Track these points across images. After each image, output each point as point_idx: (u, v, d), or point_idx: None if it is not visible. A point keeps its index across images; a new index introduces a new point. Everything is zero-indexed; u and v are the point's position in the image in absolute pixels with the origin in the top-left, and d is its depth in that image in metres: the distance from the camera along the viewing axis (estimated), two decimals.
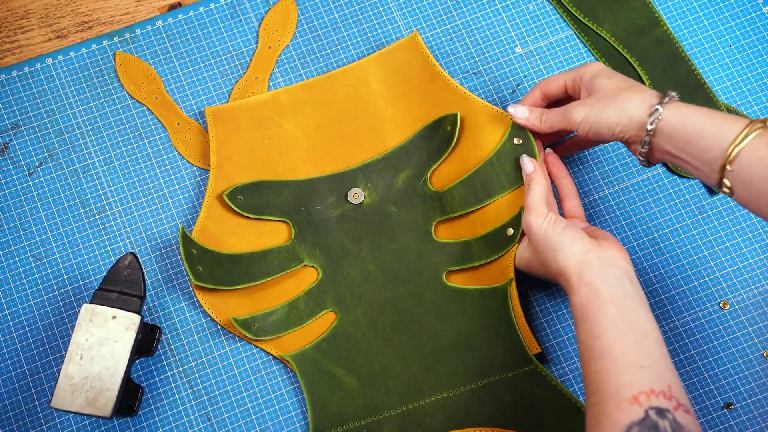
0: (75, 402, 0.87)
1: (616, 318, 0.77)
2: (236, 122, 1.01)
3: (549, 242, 0.85)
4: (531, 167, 0.92)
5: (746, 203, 0.78)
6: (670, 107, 0.81)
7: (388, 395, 0.93)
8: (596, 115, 0.85)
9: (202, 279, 0.94)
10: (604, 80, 0.86)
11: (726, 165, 0.77)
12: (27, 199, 1.00)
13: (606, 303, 0.78)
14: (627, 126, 0.83)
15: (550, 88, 0.92)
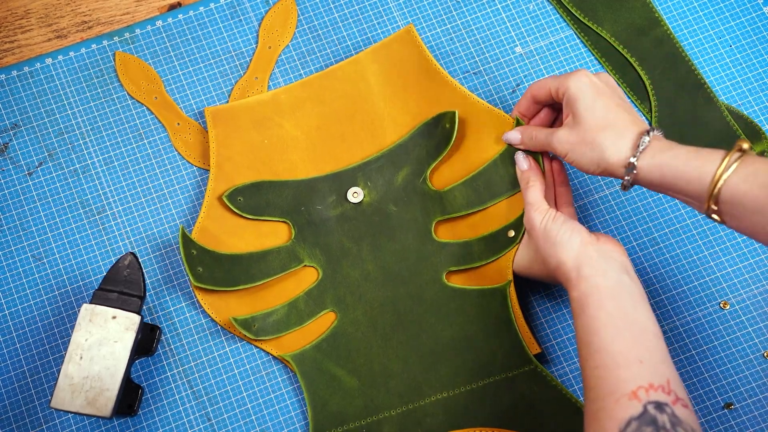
0: (75, 402, 0.87)
1: (614, 313, 0.77)
2: (236, 122, 1.01)
3: (549, 237, 0.85)
4: (526, 165, 0.92)
5: (738, 230, 0.77)
6: (645, 156, 0.80)
7: (388, 395, 0.93)
8: (576, 157, 0.85)
9: (202, 280, 0.94)
10: (585, 111, 0.84)
11: (710, 204, 0.76)
12: (27, 199, 1.00)
13: (604, 298, 0.78)
14: (606, 170, 0.83)
15: (539, 94, 0.92)
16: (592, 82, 0.85)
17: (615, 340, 0.76)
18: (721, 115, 1.01)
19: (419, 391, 0.93)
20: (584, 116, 0.84)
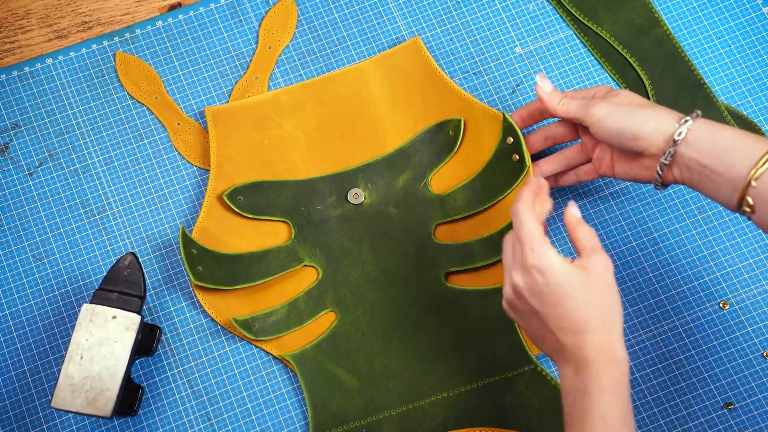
0: (75, 402, 0.87)
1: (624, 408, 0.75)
2: (236, 122, 1.01)
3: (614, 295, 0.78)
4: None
5: (766, 224, 0.76)
6: (698, 121, 0.80)
7: (389, 395, 0.93)
8: (620, 118, 0.82)
9: (202, 279, 0.94)
10: (625, 94, 0.85)
11: (751, 181, 0.75)
12: (27, 199, 1.00)
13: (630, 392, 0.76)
14: (651, 135, 0.80)
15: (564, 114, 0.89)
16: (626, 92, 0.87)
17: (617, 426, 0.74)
18: (721, 115, 1.01)
19: (419, 391, 0.93)
20: (627, 97, 0.84)
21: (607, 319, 0.76)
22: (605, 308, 0.76)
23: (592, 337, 0.75)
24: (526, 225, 0.79)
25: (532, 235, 0.78)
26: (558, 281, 0.76)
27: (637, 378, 0.94)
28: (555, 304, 0.77)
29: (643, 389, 0.93)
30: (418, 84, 1.01)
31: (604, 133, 0.83)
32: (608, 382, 0.74)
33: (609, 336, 0.76)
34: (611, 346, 0.75)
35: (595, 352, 0.75)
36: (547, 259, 0.77)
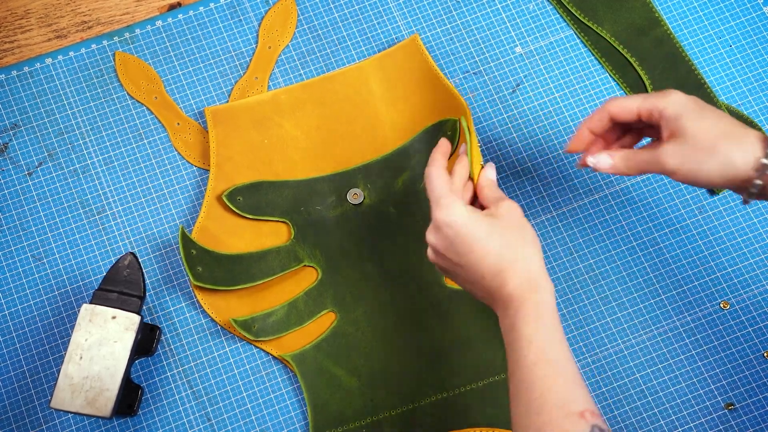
0: (75, 402, 0.87)
1: (564, 335, 0.78)
2: (236, 122, 1.01)
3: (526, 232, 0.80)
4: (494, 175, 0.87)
5: None
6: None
7: (388, 395, 0.93)
8: (694, 167, 0.78)
9: (202, 279, 0.94)
10: (694, 123, 0.79)
11: None
12: (26, 199, 1.00)
13: (558, 317, 0.78)
14: (731, 179, 0.78)
15: (620, 114, 0.83)
16: (691, 98, 0.81)
17: (567, 360, 0.76)
18: None
19: (419, 391, 0.93)
20: (695, 129, 0.79)
21: (521, 254, 0.78)
22: (519, 244, 0.79)
23: (511, 273, 0.78)
24: (432, 183, 0.82)
25: (437, 192, 0.81)
26: (466, 230, 0.79)
27: (638, 378, 0.94)
28: (469, 251, 0.79)
29: (643, 389, 0.93)
30: (417, 83, 1.01)
31: (681, 179, 0.81)
32: (530, 309, 0.77)
33: (526, 267, 0.78)
34: (529, 276, 0.78)
35: (514, 286, 0.78)
36: (453, 211, 0.80)
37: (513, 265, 0.78)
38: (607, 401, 0.93)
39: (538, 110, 1.02)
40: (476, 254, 0.79)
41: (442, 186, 0.82)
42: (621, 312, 0.96)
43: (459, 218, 0.80)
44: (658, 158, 0.80)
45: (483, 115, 1.02)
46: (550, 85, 1.03)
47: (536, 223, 0.99)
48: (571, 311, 0.96)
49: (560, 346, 0.76)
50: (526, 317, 0.77)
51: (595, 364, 0.94)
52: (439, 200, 0.81)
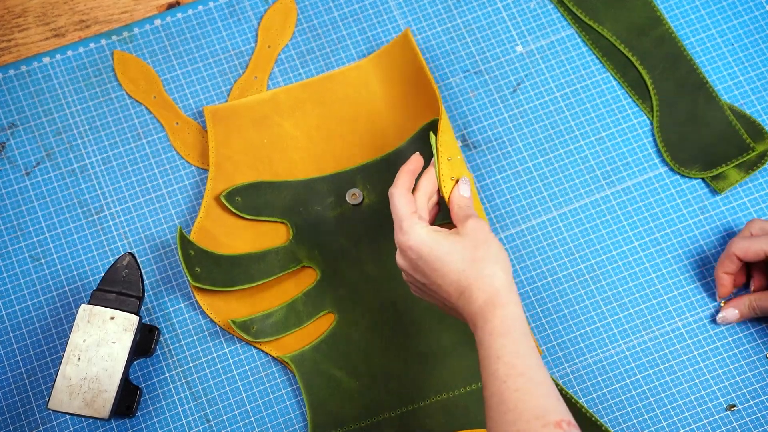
0: (72, 403, 0.86)
1: (535, 349, 0.77)
2: (235, 122, 1.00)
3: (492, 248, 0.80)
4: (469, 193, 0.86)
5: None
6: None
7: (388, 396, 0.93)
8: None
9: (200, 280, 0.94)
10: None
11: None
12: (24, 199, 1.00)
13: (527, 330, 0.78)
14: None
15: (747, 255, 0.90)
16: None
17: (539, 370, 0.76)
18: (723, 115, 1.00)
19: (419, 392, 0.93)
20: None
21: (485, 271, 0.79)
22: (482, 262, 0.79)
23: (475, 291, 0.78)
24: (394, 205, 0.83)
25: (398, 214, 0.82)
26: (428, 252, 0.80)
27: (639, 379, 0.93)
28: (432, 272, 0.80)
29: (644, 390, 0.93)
30: (414, 79, 1.00)
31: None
32: (497, 324, 0.77)
33: (490, 284, 0.78)
34: (495, 291, 0.78)
35: (479, 304, 0.78)
36: (414, 233, 0.81)
37: (477, 282, 0.79)
38: (609, 402, 0.93)
39: (539, 109, 1.02)
40: (440, 274, 0.80)
41: (403, 208, 0.82)
42: (622, 312, 0.95)
43: (419, 240, 0.80)
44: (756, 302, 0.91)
45: (483, 114, 1.02)
46: (551, 84, 1.03)
47: (536, 223, 0.98)
48: (572, 312, 0.96)
49: (530, 359, 0.76)
50: (492, 333, 0.77)
51: (596, 365, 0.94)
52: (401, 223, 0.82)
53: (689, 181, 0.99)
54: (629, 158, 1.00)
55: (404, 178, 0.85)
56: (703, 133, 1.00)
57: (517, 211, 0.99)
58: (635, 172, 1.00)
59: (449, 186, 0.86)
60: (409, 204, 0.83)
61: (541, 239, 0.98)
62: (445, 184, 0.86)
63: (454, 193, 0.85)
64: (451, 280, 0.80)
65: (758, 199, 0.99)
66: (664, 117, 1.01)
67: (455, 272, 0.79)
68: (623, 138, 1.01)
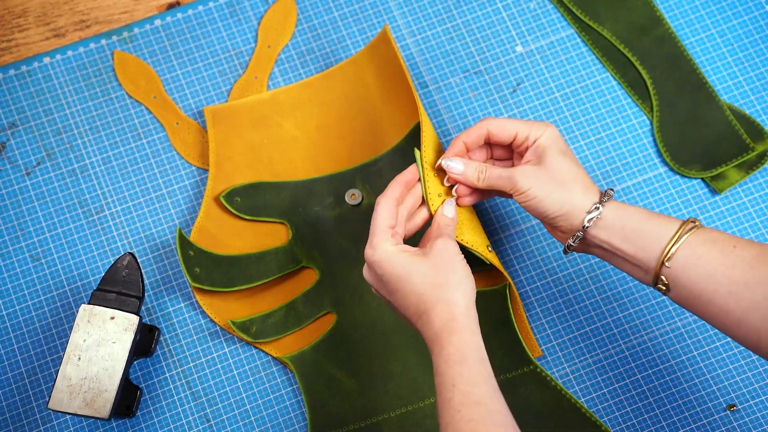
0: (73, 403, 0.86)
1: (491, 374, 0.77)
2: (235, 122, 1.00)
3: (456, 272, 0.79)
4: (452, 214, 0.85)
5: (684, 301, 0.79)
6: (609, 206, 0.81)
7: (388, 397, 0.92)
8: (541, 194, 0.82)
9: (200, 280, 0.94)
10: (557, 157, 0.83)
11: (664, 262, 0.78)
12: (24, 199, 1.00)
13: (484, 356, 0.77)
14: (566, 216, 0.82)
15: (499, 134, 0.86)
16: (561, 139, 0.85)
17: (494, 399, 0.75)
18: (723, 115, 1.00)
19: (419, 392, 0.93)
20: (555, 163, 0.83)
21: (445, 295, 0.78)
22: (444, 285, 0.79)
23: (433, 315, 0.78)
24: (374, 216, 0.83)
25: (373, 228, 0.82)
26: (391, 270, 0.80)
27: (639, 379, 0.93)
28: (394, 291, 0.81)
29: (644, 390, 0.93)
30: (401, 76, 0.99)
31: (524, 205, 0.84)
32: (452, 351, 0.76)
33: (449, 309, 0.78)
34: (451, 317, 0.77)
35: (437, 328, 0.78)
36: (381, 249, 0.81)
37: (435, 306, 0.78)
38: (609, 402, 0.93)
39: (539, 110, 1.02)
40: (400, 295, 0.80)
41: (380, 220, 0.82)
42: (622, 312, 0.95)
43: (383, 257, 0.80)
44: (512, 175, 0.83)
45: (483, 114, 1.02)
46: (551, 84, 1.03)
47: (537, 223, 0.98)
48: (572, 311, 0.96)
49: (485, 387, 0.75)
50: (448, 360, 0.76)
51: (596, 365, 0.94)
52: (372, 237, 0.82)
53: (689, 181, 0.99)
54: (629, 158, 1.00)
55: (394, 188, 0.85)
56: (703, 133, 1.00)
57: (517, 210, 0.99)
58: (635, 172, 1.00)
59: (436, 203, 0.86)
60: (388, 218, 0.83)
61: (541, 239, 0.98)
62: (432, 202, 0.86)
63: (438, 210, 0.85)
64: (410, 302, 0.80)
65: (758, 199, 0.99)
66: (664, 117, 1.01)
67: (415, 295, 0.79)
68: (623, 138, 1.01)
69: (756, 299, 0.74)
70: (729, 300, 0.75)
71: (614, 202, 0.82)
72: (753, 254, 0.76)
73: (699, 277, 0.77)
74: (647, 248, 0.79)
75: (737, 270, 0.75)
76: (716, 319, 0.77)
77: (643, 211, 0.81)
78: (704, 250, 0.77)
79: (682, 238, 0.78)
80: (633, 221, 0.80)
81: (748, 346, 0.77)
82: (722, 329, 0.77)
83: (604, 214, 0.81)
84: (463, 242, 0.85)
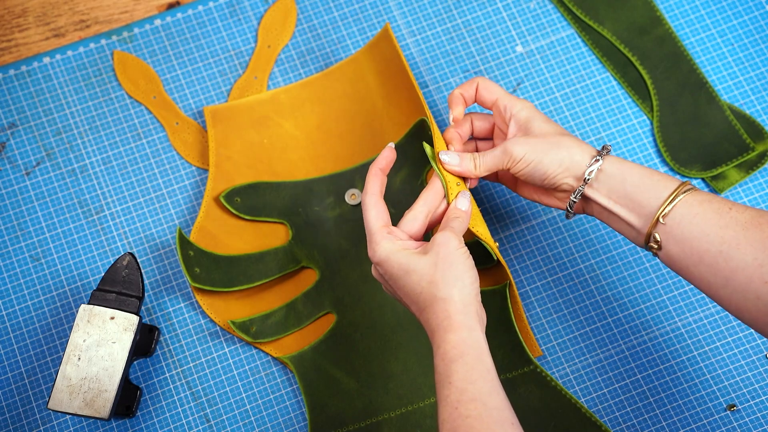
0: (73, 403, 0.86)
1: (491, 369, 0.77)
2: (235, 122, 1.00)
3: (454, 265, 0.79)
4: (467, 207, 0.85)
5: (674, 260, 0.80)
6: (609, 160, 0.83)
7: (388, 397, 0.92)
8: (538, 157, 0.83)
9: (200, 281, 0.94)
10: (541, 124, 0.85)
11: (660, 218, 0.79)
12: (24, 199, 1.00)
13: (483, 352, 0.77)
14: (565, 173, 0.83)
15: (484, 92, 0.88)
16: (540, 111, 0.87)
17: (492, 396, 0.75)
18: (723, 115, 1.00)
19: (419, 392, 0.92)
20: (542, 128, 0.85)
21: (442, 292, 0.78)
22: (440, 282, 0.79)
23: (431, 312, 0.79)
24: (365, 217, 0.83)
25: (368, 229, 0.83)
26: (391, 269, 0.81)
27: (639, 379, 0.93)
28: (398, 288, 0.81)
29: (644, 390, 0.93)
30: (402, 74, 0.99)
31: (523, 174, 0.85)
32: (448, 349, 0.77)
33: (444, 307, 0.78)
34: (447, 316, 0.78)
35: (435, 325, 0.78)
36: (380, 250, 0.81)
37: (432, 305, 0.79)
38: (609, 402, 0.93)
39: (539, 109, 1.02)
40: (404, 292, 0.81)
41: (372, 221, 0.83)
42: (622, 312, 0.95)
43: (383, 256, 0.81)
44: (505, 147, 0.84)
45: None
46: (551, 84, 1.03)
47: (537, 223, 0.98)
48: (572, 311, 0.96)
49: (482, 383, 0.75)
50: (444, 358, 0.77)
51: (596, 365, 0.94)
52: (370, 237, 0.83)
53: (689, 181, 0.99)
54: (629, 158, 1.00)
55: (373, 183, 0.85)
56: (704, 133, 1.00)
57: (517, 210, 0.99)
58: None
59: (455, 192, 0.85)
60: (378, 216, 0.83)
61: (541, 239, 0.98)
62: (452, 191, 0.85)
63: (452, 203, 0.85)
64: (412, 300, 0.81)
65: (758, 199, 0.99)
66: (664, 117, 1.01)
67: (415, 293, 0.80)
68: (623, 138, 1.01)
69: (745, 259, 0.76)
70: (719, 259, 0.77)
71: (612, 156, 0.83)
72: (747, 217, 0.77)
73: (692, 233, 0.78)
74: (645, 203, 0.80)
75: (730, 230, 0.77)
76: (703, 278, 0.78)
77: (642, 167, 0.82)
78: (700, 209, 0.78)
79: (679, 196, 0.79)
80: (633, 175, 0.81)
81: (731, 310, 0.78)
82: (708, 291, 0.79)
83: (605, 168, 0.82)
84: (477, 233, 0.85)
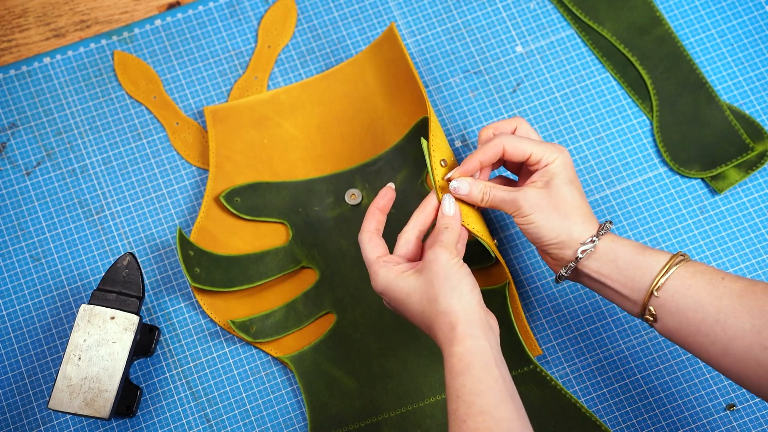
0: (73, 403, 0.87)
1: (499, 380, 0.77)
2: (236, 122, 1.00)
3: (450, 279, 0.80)
4: (453, 211, 0.86)
5: (671, 332, 0.80)
6: (604, 238, 0.83)
7: (387, 397, 0.92)
8: (541, 221, 0.83)
9: (200, 281, 0.94)
10: (564, 186, 0.84)
11: (653, 291, 0.79)
12: (25, 199, 1.00)
13: (490, 362, 0.77)
14: (561, 245, 0.84)
15: (513, 154, 0.86)
16: (572, 166, 0.86)
17: (500, 407, 0.75)
18: (723, 115, 1.00)
19: (418, 392, 0.93)
20: (563, 191, 0.84)
21: (442, 306, 0.79)
22: (439, 297, 0.79)
23: (436, 328, 0.80)
24: (362, 252, 0.85)
25: (367, 263, 0.85)
26: (393, 294, 0.82)
27: (639, 379, 0.93)
28: (404, 311, 0.83)
29: (644, 390, 0.93)
30: (405, 74, 0.99)
31: (522, 227, 0.85)
32: (454, 362, 0.77)
33: (448, 320, 0.79)
34: (451, 327, 0.78)
35: (441, 339, 0.79)
36: (380, 280, 0.83)
37: (436, 320, 0.79)
38: (608, 402, 0.93)
39: (539, 110, 1.02)
40: (409, 315, 0.83)
41: (369, 254, 0.85)
42: (622, 312, 0.95)
43: (383, 285, 0.83)
44: (516, 198, 0.84)
45: (483, 114, 1.02)
46: (551, 84, 1.03)
47: None
48: (572, 311, 0.96)
49: (489, 395, 0.76)
50: (451, 372, 0.77)
51: (596, 365, 0.94)
52: (369, 269, 0.85)
53: (689, 181, 0.99)
54: (629, 158, 1.00)
55: (369, 221, 0.86)
56: (703, 133, 1.00)
57: None
58: (635, 172, 1.00)
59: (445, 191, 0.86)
60: (374, 249, 0.85)
61: None
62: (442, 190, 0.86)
63: (439, 211, 0.86)
64: (419, 320, 0.82)
65: (758, 199, 0.99)
66: (664, 117, 1.01)
67: (419, 312, 0.81)
68: (623, 138, 1.01)
69: (743, 327, 0.75)
70: (716, 328, 0.77)
71: (609, 234, 0.83)
72: (740, 286, 0.77)
73: (687, 305, 0.78)
74: (638, 278, 0.81)
75: (725, 300, 0.77)
76: (702, 348, 0.78)
77: (636, 244, 0.83)
78: (693, 281, 0.78)
79: (672, 269, 0.79)
80: (625, 253, 0.82)
81: (733, 377, 0.78)
82: (708, 360, 0.79)
83: (598, 246, 0.83)
84: (473, 231, 0.85)
